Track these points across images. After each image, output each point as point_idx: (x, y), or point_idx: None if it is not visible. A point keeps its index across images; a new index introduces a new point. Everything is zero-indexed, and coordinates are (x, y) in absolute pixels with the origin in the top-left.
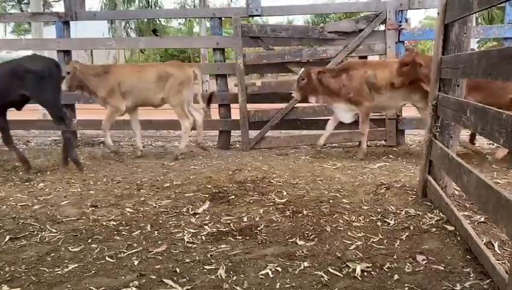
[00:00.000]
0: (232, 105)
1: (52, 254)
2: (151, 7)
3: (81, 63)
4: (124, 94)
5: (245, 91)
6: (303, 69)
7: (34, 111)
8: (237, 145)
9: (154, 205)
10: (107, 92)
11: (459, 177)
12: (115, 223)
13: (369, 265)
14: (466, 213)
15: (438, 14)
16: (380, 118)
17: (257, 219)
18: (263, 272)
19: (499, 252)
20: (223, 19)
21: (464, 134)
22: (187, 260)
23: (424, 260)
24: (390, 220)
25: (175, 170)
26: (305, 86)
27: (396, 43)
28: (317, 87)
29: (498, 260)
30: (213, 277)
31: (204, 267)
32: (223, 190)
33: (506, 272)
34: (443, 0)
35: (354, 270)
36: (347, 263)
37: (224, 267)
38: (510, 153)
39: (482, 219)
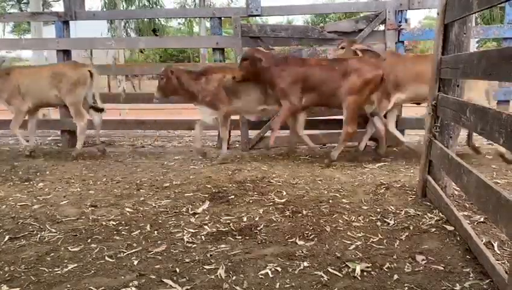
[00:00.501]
0: None
1: (52, 254)
2: (152, 6)
3: None
4: (24, 95)
5: None
6: (164, 67)
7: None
8: (237, 145)
9: (154, 205)
10: (9, 94)
11: (458, 177)
12: (114, 223)
13: (368, 265)
14: (466, 213)
15: (438, 14)
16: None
17: (257, 219)
18: (263, 272)
19: (498, 252)
20: (222, 18)
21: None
22: (187, 260)
23: (423, 260)
24: (390, 220)
25: (174, 170)
26: (164, 85)
27: (396, 43)
28: (176, 88)
29: (498, 260)
30: (213, 276)
31: (204, 267)
32: (223, 189)
33: (506, 272)
34: (443, 1)
35: (354, 270)
36: (347, 263)
37: (224, 267)
38: None
39: (482, 219)
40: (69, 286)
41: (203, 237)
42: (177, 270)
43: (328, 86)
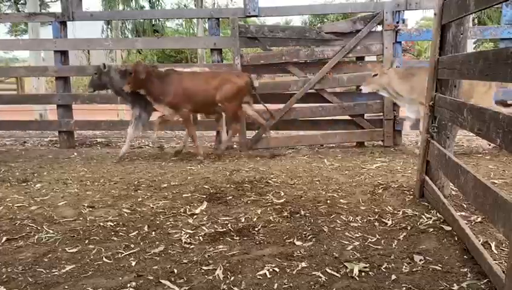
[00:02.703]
0: None
1: (49, 255)
2: (153, 6)
3: None
4: None
5: None
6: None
7: (31, 112)
8: (235, 146)
9: (152, 206)
10: None
11: (456, 177)
12: (112, 224)
13: (366, 265)
14: (463, 213)
15: (435, 14)
16: (378, 119)
17: (255, 220)
18: (261, 272)
19: (496, 252)
20: (220, 19)
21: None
22: (184, 261)
23: (421, 260)
24: (388, 220)
25: (172, 171)
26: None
27: (393, 43)
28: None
29: (495, 260)
30: (210, 277)
31: (202, 267)
32: (221, 190)
33: (503, 272)
34: (440, 1)
35: (352, 270)
36: (345, 263)
37: (222, 268)
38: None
39: (479, 219)
40: (66, 287)
41: (200, 237)
42: (175, 271)
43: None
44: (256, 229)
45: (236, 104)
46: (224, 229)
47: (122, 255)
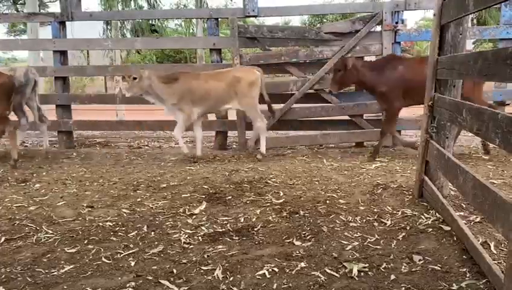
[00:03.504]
0: None
1: (48, 255)
2: (153, 6)
3: None
4: None
5: None
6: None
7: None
8: (234, 146)
9: (151, 206)
10: None
11: (455, 177)
12: (111, 224)
13: (365, 265)
14: (462, 213)
15: (434, 15)
16: (377, 119)
17: (254, 220)
18: (260, 272)
19: (494, 252)
20: (219, 19)
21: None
22: (184, 261)
23: (420, 260)
24: (387, 220)
25: (171, 171)
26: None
27: (392, 44)
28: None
29: (494, 260)
30: (210, 277)
31: (201, 267)
32: (220, 190)
33: (502, 272)
34: (439, 1)
35: (351, 270)
36: (344, 263)
37: (221, 268)
38: None
39: (478, 219)
40: (65, 287)
41: (200, 237)
42: (174, 271)
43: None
44: (255, 229)
45: None
46: (224, 230)
47: (121, 255)
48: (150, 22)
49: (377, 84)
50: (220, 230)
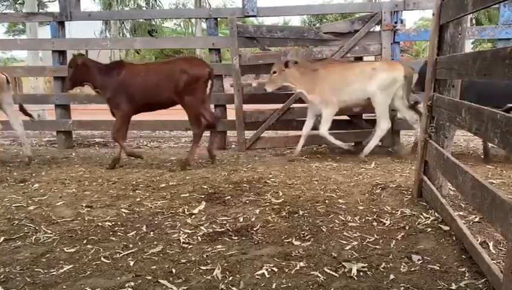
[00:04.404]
0: (227, 105)
1: (47, 255)
2: (152, 6)
3: None
4: None
5: (241, 91)
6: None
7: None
8: (233, 146)
9: (150, 206)
10: None
11: (454, 177)
12: (110, 224)
13: (364, 265)
14: (461, 213)
15: (433, 15)
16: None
17: (253, 219)
18: (259, 272)
19: (493, 251)
20: (218, 19)
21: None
22: (183, 261)
23: (419, 259)
24: (386, 220)
25: (170, 171)
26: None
27: (391, 44)
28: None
29: (493, 260)
30: (209, 277)
31: (200, 267)
32: (219, 190)
33: (501, 272)
34: (438, 1)
35: (350, 270)
36: (343, 263)
37: (220, 268)
38: None
39: (477, 219)
40: (64, 287)
41: (199, 237)
42: (173, 271)
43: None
44: (254, 229)
45: None
46: (223, 229)
47: (121, 255)
48: (151, 22)
49: (103, 88)
50: (219, 230)
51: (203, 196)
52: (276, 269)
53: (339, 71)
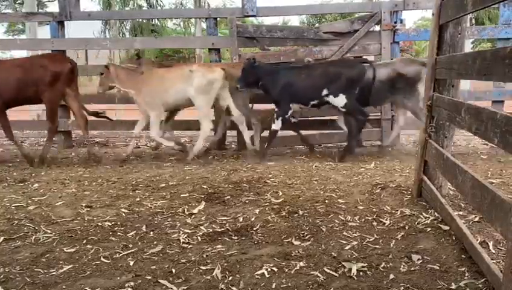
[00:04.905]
0: None
1: (47, 255)
2: (152, 6)
3: None
4: None
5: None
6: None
7: (28, 112)
8: (233, 146)
9: (150, 206)
10: None
11: (454, 177)
12: (110, 224)
13: (364, 265)
14: (461, 213)
15: (433, 14)
16: (376, 119)
17: (253, 219)
18: (259, 272)
19: (493, 251)
20: (218, 19)
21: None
22: (183, 261)
23: (419, 259)
24: (386, 220)
25: (170, 171)
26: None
27: (391, 43)
28: None
29: (493, 259)
30: (209, 277)
31: (200, 267)
32: (219, 190)
33: (501, 271)
34: (438, 1)
35: (350, 270)
36: (343, 263)
37: (220, 268)
38: None
39: (477, 219)
40: (64, 287)
41: (199, 237)
42: (173, 270)
43: None
44: (254, 229)
45: None
46: (223, 229)
47: (120, 255)
48: (152, 21)
49: None
50: (219, 230)
51: (202, 196)
52: (276, 269)
53: (161, 74)
